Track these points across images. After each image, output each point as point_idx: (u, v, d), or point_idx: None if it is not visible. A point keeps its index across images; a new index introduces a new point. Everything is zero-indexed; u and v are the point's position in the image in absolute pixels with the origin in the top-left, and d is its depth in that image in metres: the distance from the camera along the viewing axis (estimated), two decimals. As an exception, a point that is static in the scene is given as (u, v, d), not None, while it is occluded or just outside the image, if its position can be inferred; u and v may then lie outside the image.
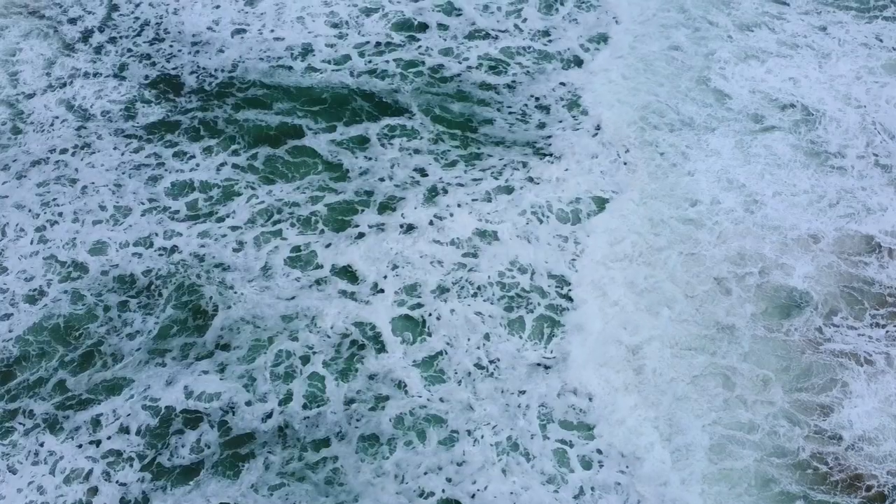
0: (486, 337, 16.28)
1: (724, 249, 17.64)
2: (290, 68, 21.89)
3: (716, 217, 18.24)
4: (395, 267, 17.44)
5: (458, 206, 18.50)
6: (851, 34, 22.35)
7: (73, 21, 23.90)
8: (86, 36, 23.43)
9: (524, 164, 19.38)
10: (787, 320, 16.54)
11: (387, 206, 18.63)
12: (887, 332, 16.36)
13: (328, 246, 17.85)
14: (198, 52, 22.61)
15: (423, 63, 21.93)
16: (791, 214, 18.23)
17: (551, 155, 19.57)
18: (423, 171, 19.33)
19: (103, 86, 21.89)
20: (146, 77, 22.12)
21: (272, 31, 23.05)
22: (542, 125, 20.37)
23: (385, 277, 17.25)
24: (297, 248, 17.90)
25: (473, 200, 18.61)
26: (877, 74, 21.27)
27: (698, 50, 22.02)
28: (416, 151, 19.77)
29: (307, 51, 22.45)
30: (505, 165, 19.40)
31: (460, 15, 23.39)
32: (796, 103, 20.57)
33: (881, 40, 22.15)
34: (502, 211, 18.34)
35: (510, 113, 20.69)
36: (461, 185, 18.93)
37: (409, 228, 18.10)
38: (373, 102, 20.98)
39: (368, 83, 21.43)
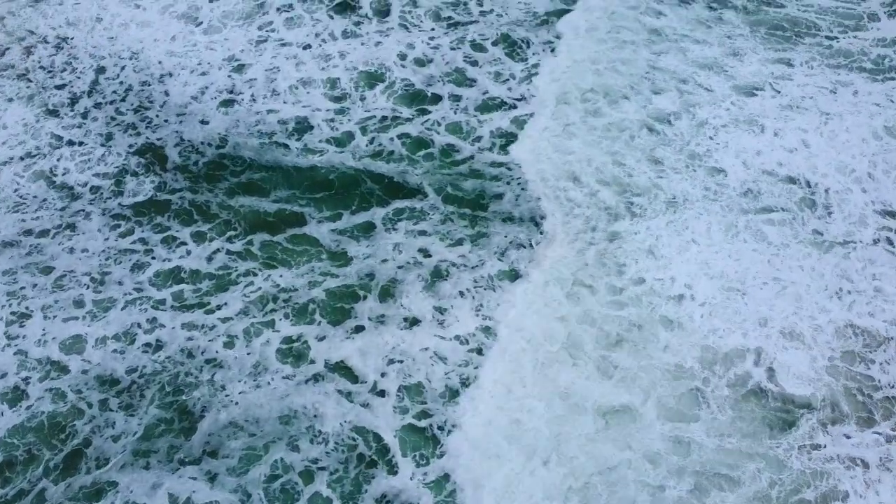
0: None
1: (700, 348, 17.00)
2: (286, 147, 21.69)
3: (693, 310, 17.59)
4: (391, 362, 17.17)
5: (461, 293, 18.24)
6: (862, 96, 22.06)
7: (60, 87, 23.90)
8: (72, 101, 23.37)
9: (530, 243, 19.21)
10: (774, 431, 15.90)
11: (388, 292, 18.41)
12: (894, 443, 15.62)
13: (322, 339, 17.56)
14: (184, 122, 22.50)
15: (433, 142, 21.70)
16: (783, 306, 17.59)
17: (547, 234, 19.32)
18: (426, 252, 19.14)
19: (86, 158, 21.76)
20: (131, 146, 22.02)
21: (264, 101, 22.94)
22: (539, 199, 20.12)
23: (383, 375, 16.95)
24: (289, 340, 17.64)
25: (476, 286, 18.34)
26: (884, 140, 20.86)
27: (690, 119, 21.76)
28: (422, 233, 19.61)
29: (304, 127, 22.26)
30: (510, 243, 19.26)
31: (473, 85, 23.31)
32: (798, 178, 20.11)
33: (893, 101, 21.86)
34: (505, 306, 17.95)
35: (519, 185, 20.56)
36: (465, 266, 18.72)
37: (411, 321, 17.86)
38: (383, 185, 20.73)
39: (374, 165, 21.16)
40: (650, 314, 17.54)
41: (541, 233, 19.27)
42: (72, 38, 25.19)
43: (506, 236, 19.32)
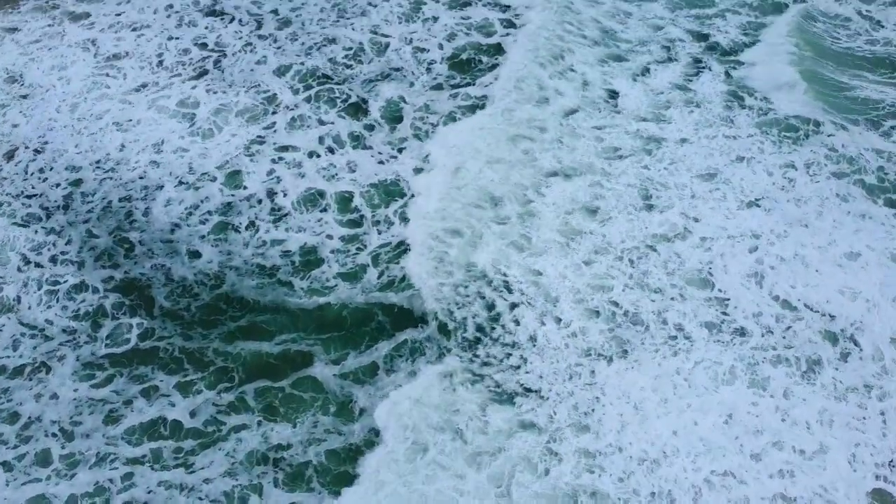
0: None
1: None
2: (290, 286, 20.57)
3: (683, 478, 16.18)
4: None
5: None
6: (862, 216, 20.88)
7: (31, 196, 23.15)
8: (46, 213, 22.60)
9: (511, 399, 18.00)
10: None
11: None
12: None
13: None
14: (171, 254, 21.46)
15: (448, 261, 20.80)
16: (790, 470, 16.21)
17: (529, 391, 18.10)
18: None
19: (54, 290, 20.71)
20: (107, 281, 20.95)
21: (266, 228, 21.86)
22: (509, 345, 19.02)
23: None
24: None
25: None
26: (892, 269, 19.62)
27: (687, 237, 20.64)
28: (413, 374, 18.62)
29: (311, 261, 21.15)
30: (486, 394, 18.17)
31: (499, 204, 22.05)
32: (806, 307, 18.85)
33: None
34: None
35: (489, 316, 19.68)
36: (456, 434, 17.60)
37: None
38: (392, 316, 19.78)
39: (384, 297, 20.17)
40: (629, 488, 16.24)
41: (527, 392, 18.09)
42: (51, 142, 24.55)
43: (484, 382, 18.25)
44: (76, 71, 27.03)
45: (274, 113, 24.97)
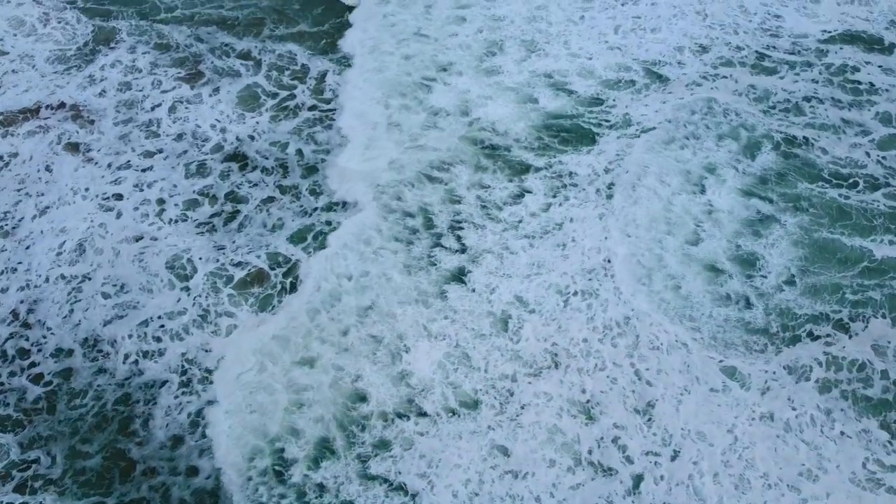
0: None
1: None
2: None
3: None
4: None
5: None
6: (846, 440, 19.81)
7: (6, 392, 21.26)
8: (26, 418, 20.74)
9: None
10: None
11: None
12: None
13: None
14: (173, 471, 19.61)
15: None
16: None
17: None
18: None
19: None
20: None
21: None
22: None
23: None
24: None
25: None
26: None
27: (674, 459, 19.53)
28: None
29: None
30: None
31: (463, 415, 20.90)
32: None
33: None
34: None
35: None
36: None
37: None
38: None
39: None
40: None
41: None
42: (35, 311, 22.80)
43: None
44: (69, 213, 25.14)
45: (291, 292, 23.13)
